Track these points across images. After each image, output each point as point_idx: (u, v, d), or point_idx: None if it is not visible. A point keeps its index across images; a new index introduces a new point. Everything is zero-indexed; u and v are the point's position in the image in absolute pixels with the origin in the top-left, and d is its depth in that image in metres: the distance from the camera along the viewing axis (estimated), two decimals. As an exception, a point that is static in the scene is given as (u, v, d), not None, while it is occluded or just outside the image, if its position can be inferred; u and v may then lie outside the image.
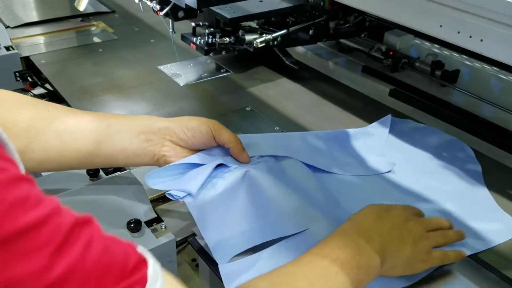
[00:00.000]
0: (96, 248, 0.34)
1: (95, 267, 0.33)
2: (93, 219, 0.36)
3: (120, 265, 0.35)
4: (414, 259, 0.56)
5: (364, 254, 0.52)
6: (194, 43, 1.08)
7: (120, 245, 0.37)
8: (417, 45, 1.17)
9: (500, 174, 0.80)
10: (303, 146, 0.79)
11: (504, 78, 1.03)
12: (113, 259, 0.35)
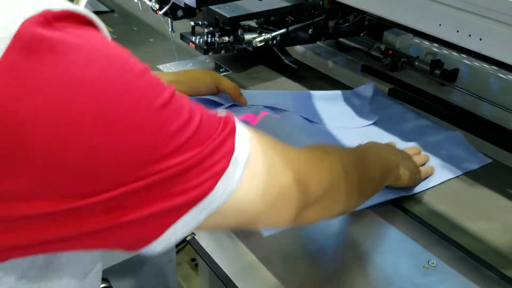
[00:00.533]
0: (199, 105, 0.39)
1: (209, 116, 0.38)
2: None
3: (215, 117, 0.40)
4: (414, 169, 0.70)
5: (387, 151, 0.67)
6: (193, 42, 1.08)
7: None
8: (416, 44, 1.17)
9: (499, 173, 0.80)
10: (298, 101, 0.94)
11: (503, 77, 1.03)
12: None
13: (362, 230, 0.67)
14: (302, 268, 0.61)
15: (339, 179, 0.50)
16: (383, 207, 0.71)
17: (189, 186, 0.35)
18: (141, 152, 0.33)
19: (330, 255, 0.63)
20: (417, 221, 0.69)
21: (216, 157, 0.37)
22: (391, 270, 0.60)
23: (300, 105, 0.93)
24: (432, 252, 0.63)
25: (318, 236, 0.66)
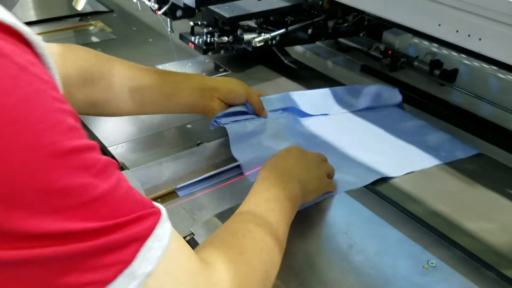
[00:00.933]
0: (125, 184, 0.36)
1: (125, 198, 0.35)
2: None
3: (141, 202, 0.37)
4: (321, 181, 0.68)
5: (288, 185, 0.61)
6: (193, 42, 1.08)
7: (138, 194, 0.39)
8: (415, 44, 1.17)
9: (499, 173, 0.80)
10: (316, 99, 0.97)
11: (503, 77, 1.03)
12: (137, 196, 0.37)
13: (361, 230, 0.66)
14: (301, 268, 0.61)
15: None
16: (383, 207, 0.71)
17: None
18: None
19: (329, 255, 0.62)
20: (417, 221, 0.68)
21: (106, 260, 0.32)
22: (390, 270, 0.60)
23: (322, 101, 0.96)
24: (431, 252, 0.63)
25: (317, 236, 0.66)
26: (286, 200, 0.59)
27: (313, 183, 0.67)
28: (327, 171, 0.71)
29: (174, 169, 0.78)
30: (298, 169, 0.65)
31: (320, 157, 0.71)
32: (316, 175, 0.68)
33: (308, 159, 0.68)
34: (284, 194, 0.60)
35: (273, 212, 0.57)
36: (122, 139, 0.86)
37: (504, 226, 0.69)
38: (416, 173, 0.79)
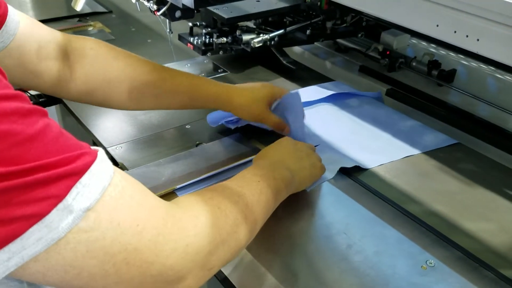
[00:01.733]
0: (55, 130, 0.37)
1: (55, 141, 0.37)
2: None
3: (75, 145, 0.38)
4: (314, 167, 0.71)
5: (277, 169, 0.64)
6: (191, 43, 1.08)
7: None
8: (413, 45, 1.17)
9: (497, 173, 0.80)
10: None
11: (501, 77, 1.04)
12: (70, 141, 0.38)
13: (360, 230, 0.67)
14: (300, 268, 0.61)
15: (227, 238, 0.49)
16: (381, 208, 0.71)
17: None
18: None
19: (328, 255, 0.63)
20: (415, 221, 0.69)
21: (38, 194, 0.34)
22: (389, 270, 0.60)
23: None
24: (430, 252, 0.63)
25: (316, 236, 0.66)
26: (273, 180, 0.61)
27: (304, 171, 0.69)
28: (318, 159, 0.73)
29: (173, 170, 0.78)
30: (289, 159, 0.68)
31: (310, 147, 0.74)
32: (307, 163, 0.70)
33: (298, 149, 0.71)
34: (273, 175, 0.62)
35: (257, 183, 0.58)
36: (121, 139, 0.87)
37: (502, 226, 0.69)
38: (414, 173, 0.79)
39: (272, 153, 0.69)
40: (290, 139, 0.72)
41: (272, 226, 0.67)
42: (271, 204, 0.60)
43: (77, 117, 0.93)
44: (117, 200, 0.39)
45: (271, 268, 0.60)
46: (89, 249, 0.37)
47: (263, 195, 0.58)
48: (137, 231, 0.40)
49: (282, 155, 0.68)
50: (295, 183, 0.66)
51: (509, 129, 0.88)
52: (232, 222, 0.50)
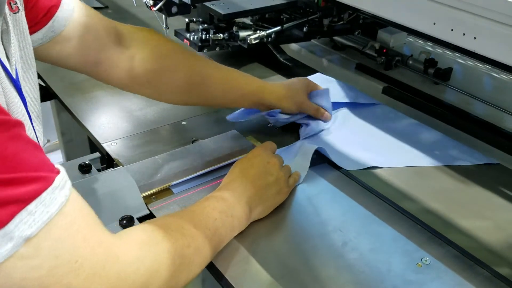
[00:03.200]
0: (18, 145, 0.36)
1: (12, 158, 0.36)
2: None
3: (34, 164, 0.37)
4: (279, 193, 0.69)
5: (235, 206, 0.63)
6: (188, 39, 1.07)
7: (40, 155, 0.39)
8: (410, 43, 1.17)
9: (492, 172, 0.80)
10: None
11: (497, 76, 1.04)
12: (31, 158, 0.37)
13: (356, 227, 0.67)
14: (296, 265, 0.61)
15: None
16: (377, 205, 0.71)
17: None
18: None
19: (323, 253, 0.63)
20: (411, 219, 0.69)
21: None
22: (384, 268, 0.60)
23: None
24: (425, 250, 0.63)
25: (312, 233, 0.66)
26: (231, 218, 0.61)
27: (267, 202, 0.67)
28: (287, 175, 0.72)
29: (169, 166, 0.77)
30: (254, 188, 0.66)
31: (281, 162, 0.73)
32: (273, 191, 0.68)
33: (268, 171, 0.69)
34: (232, 213, 0.62)
35: (214, 221, 0.59)
36: (116, 135, 0.86)
37: (497, 224, 0.69)
38: (410, 171, 0.79)
39: (239, 180, 0.67)
40: (262, 159, 0.70)
41: (268, 223, 0.67)
42: (221, 244, 0.60)
43: (72, 112, 0.93)
44: (63, 231, 0.39)
45: (267, 265, 0.60)
46: (25, 277, 0.37)
47: (216, 236, 0.58)
48: (74, 267, 0.39)
49: (248, 185, 0.66)
50: (254, 216, 0.66)
51: (505, 128, 0.89)
52: (176, 268, 0.51)
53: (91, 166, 0.73)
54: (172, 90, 0.78)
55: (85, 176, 0.72)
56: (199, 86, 0.79)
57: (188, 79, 0.78)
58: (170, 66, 0.76)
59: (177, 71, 0.77)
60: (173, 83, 0.77)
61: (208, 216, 0.59)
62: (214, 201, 0.62)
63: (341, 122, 0.92)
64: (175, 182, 0.73)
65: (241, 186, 0.66)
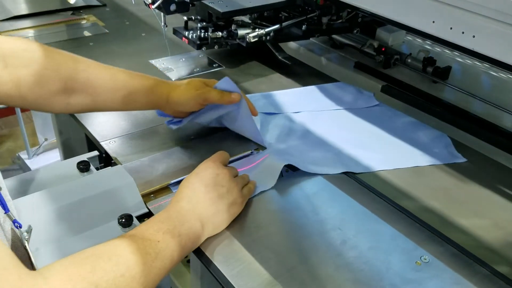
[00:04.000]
0: None
1: None
2: None
3: None
4: (234, 204, 0.66)
5: (184, 224, 0.60)
6: (186, 37, 1.07)
7: None
8: (409, 42, 1.17)
9: (490, 170, 0.80)
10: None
11: (495, 74, 1.04)
12: None
13: (355, 226, 0.67)
14: (295, 264, 0.61)
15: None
16: (376, 203, 0.71)
17: None
18: None
19: (322, 251, 0.63)
20: (410, 217, 0.69)
21: None
22: (383, 266, 0.60)
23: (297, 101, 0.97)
24: (424, 248, 0.63)
25: (311, 232, 0.66)
26: (178, 237, 0.58)
27: (220, 216, 0.64)
28: (240, 186, 0.69)
29: (167, 165, 0.77)
30: (204, 203, 0.64)
31: (232, 173, 0.69)
32: (225, 203, 0.65)
33: (218, 183, 0.66)
34: (180, 231, 0.59)
35: (157, 243, 0.55)
36: (115, 134, 0.86)
37: (496, 223, 0.69)
38: (409, 169, 0.79)
39: (188, 197, 0.64)
40: (212, 171, 0.67)
41: (266, 222, 0.67)
42: (169, 265, 0.57)
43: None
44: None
45: (266, 264, 0.60)
46: None
47: (159, 260, 0.55)
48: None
49: (197, 200, 0.63)
50: (207, 232, 0.63)
51: (503, 126, 0.89)
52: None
53: (89, 164, 0.73)
54: (56, 101, 0.71)
55: (84, 175, 0.72)
56: (85, 89, 0.73)
57: (70, 84, 0.71)
58: (49, 75, 0.70)
59: (56, 79, 0.70)
60: (52, 90, 0.70)
61: (149, 240, 0.55)
62: (159, 222, 0.59)
63: (336, 122, 0.92)
64: (174, 181, 0.73)
65: (191, 203, 0.63)
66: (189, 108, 0.80)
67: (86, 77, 0.72)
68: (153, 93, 0.77)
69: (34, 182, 0.70)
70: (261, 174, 0.75)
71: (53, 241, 0.62)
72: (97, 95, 0.74)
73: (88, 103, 0.74)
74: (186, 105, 0.79)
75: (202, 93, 0.77)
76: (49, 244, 0.62)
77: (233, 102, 0.79)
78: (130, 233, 0.56)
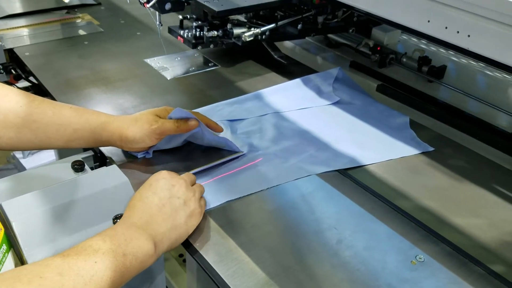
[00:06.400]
0: None
1: None
2: None
3: None
4: (192, 216, 0.63)
5: (131, 242, 0.55)
6: (182, 36, 1.07)
7: None
8: (404, 41, 1.17)
9: (486, 169, 0.81)
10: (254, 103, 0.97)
11: (490, 74, 1.04)
12: None
13: (351, 225, 0.67)
14: (291, 263, 0.61)
15: None
16: (372, 203, 0.71)
17: None
18: None
19: (318, 251, 0.63)
20: (405, 217, 0.69)
21: None
22: (379, 265, 0.61)
23: (257, 105, 0.95)
24: (419, 248, 0.63)
25: (306, 231, 0.66)
26: (122, 257, 0.53)
27: (177, 230, 0.61)
28: (198, 194, 0.66)
29: (163, 165, 0.77)
30: (159, 217, 0.60)
31: (189, 180, 0.67)
32: (182, 216, 0.62)
33: (174, 194, 0.63)
34: (124, 250, 0.54)
35: (94, 264, 0.50)
36: (110, 133, 0.85)
37: (491, 222, 0.69)
38: (405, 169, 0.79)
39: (140, 211, 0.60)
40: (166, 182, 0.64)
41: (262, 222, 0.67)
42: (111, 286, 0.51)
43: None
44: None
45: (262, 264, 0.60)
46: None
47: (92, 284, 0.49)
48: None
49: (150, 215, 0.60)
50: (161, 249, 0.59)
51: (498, 125, 0.89)
52: None
53: (84, 164, 0.73)
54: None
55: (78, 174, 0.71)
56: (27, 125, 0.69)
57: (12, 118, 0.68)
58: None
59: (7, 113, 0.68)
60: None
61: (84, 260, 0.50)
62: (101, 240, 0.53)
63: (332, 120, 0.92)
64: (169, 180, 0.73)
65: (143, 219, 0.59)
66: (146, 144, 0.76)
67: (28, 112, 0.69)
68: (103, 130, 0.73)
69: (29, 181, 0.69)
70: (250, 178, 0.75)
71: (48, 241, 0.62)
72: (40, 131, 0.70)
73: (32, 140, 0.70)
74: (142, 142, 0.74)
75: (157, 128, 0.74)
76: (44, 244, 0.61)
77: (191, 129, 0.75)
78: (64, 252, 0.51)
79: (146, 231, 0.58)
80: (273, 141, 0.84)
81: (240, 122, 0.89)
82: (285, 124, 0.90)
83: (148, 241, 0.57)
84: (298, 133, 0.87)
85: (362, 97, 1.00)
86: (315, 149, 0.82)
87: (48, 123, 0.70)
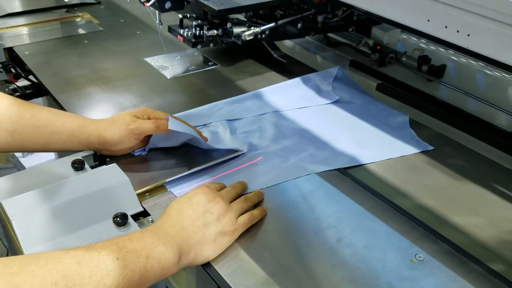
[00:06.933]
0: None
1: None
2: None
3: None
4: (223, 234, 0.62)
5: (157, 247, 0.55)
6: (181, 35, 1.07)
7: None
8: (404, 40, 1.17)
9: (485, 168, 0.81)
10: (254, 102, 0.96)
11: (490, 73, 1.04)
12: None
13: (351, 224, 0.67)
14: (291, 262, 0.61)
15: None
16: (372, 202, 0.71)
17: None
18: None
19: (318, 249, 0.63)
20: (405, 216, 0.69)
21: None
22: (379, 264, 0.61)
23: (257, 104, 0.95)
24: (419, 246, 0.64)
25: (306, 230, 0.66)
26: (144, 258, 0.53)
27: (206, 244, 0.60)
28: (236, 213, 0.65)
29: (163, 163, 0.77)
30: (191, 229, 0.60)
31: (228, 197, 0.66)
32: (213, 231, 0.61)
33: (208, 210, 0.62)
34: (148, 252, 0.54)
35: (113, 261, 0.50)
36: (109, 132, 0.85)
37: (491, 221, 0.69)
38: (404, 168, 0.79)
39: (173, 219, 0.60)
40: (203, 197, 0.63)
41: (262, 221, 0.67)
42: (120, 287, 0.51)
43: (65, 109, 0.92)
44: None
45: (261, 262, 0.60)
46: None
47: (109, 278, 0.49)
48: None
49: (182, 225, 0.60)
50: (186, 261, 0.58)
51: (498, 124, 0.89)
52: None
53: (84, 163, 0.73)
54: None
55: (78, 173, 0.71)
56: (3, 126, 0.69)
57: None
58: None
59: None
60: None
61: (106, 255, 0.50)
62: (127, 240, 0.54)
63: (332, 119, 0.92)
64: (169, 179, 0.73)
65: (174, 228, 0.59)
66: (125, 145, 0.76)
67: (6, 115, 0.69)
68: (81, 133, 0.73)
69: (29, 180, 0.69)
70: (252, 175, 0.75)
71: (48, 239, 0.62)
72: (17, 134, 0.70)
73: (9, 142, 0.70)
74: (121, 143, 0.75)
75: (135, 128, 0.74)
76: (44, 243, 0.61)
77: (163, 131, 0.75)
78: (97, 243, 0.52)
79: (174, 240, 0.58)
80: (272, 140, 0.84)
81: (240, 121, 0.89)
82: (285, 123, 0.90)
83: (174, 249, 0.57)
84: (298, 132, 0.87)
85: (362, 96, 1.00)
86: (315, 148, 0.82)
87: (26, 126, 0.70)
